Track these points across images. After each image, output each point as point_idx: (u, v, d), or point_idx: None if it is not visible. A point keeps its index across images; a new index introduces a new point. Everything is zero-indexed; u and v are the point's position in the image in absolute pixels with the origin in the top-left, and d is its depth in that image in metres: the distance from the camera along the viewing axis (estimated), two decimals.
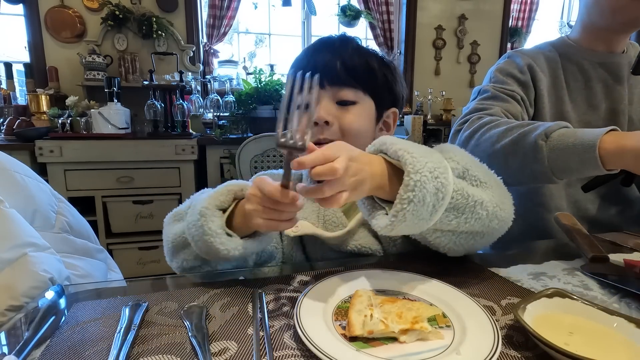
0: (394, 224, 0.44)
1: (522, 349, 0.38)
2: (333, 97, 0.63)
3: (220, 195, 0.54)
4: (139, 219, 2.12)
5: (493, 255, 0.65)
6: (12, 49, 2.57)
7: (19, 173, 0.71)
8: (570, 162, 0.64)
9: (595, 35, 0.89)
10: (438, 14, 3.04)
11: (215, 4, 2.64)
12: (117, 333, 0.39)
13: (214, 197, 0.54)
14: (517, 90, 0.87)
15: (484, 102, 0.86)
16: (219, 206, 0.53)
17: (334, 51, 0.64)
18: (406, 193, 0.43)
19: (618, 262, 0.58)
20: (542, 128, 0.67)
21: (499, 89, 0.87)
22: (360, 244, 0.64)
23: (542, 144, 0.66)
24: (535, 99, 0.89)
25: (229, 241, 0.51)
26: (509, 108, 0.84)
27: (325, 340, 0.36)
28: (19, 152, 1.89)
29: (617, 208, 0.92)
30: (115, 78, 2.18)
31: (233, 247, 0.51)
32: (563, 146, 0.64)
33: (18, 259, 0.55)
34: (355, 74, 0.63)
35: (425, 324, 0.38)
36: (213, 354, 0.37)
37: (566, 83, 0.91)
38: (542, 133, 0.66)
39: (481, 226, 0.51)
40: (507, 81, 0.89)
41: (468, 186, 0.50)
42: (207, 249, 0.52)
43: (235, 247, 0.51)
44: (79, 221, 0.82)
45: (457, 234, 0.52)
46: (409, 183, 0.44)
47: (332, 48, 0.65)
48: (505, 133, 0.72)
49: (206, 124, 2.46)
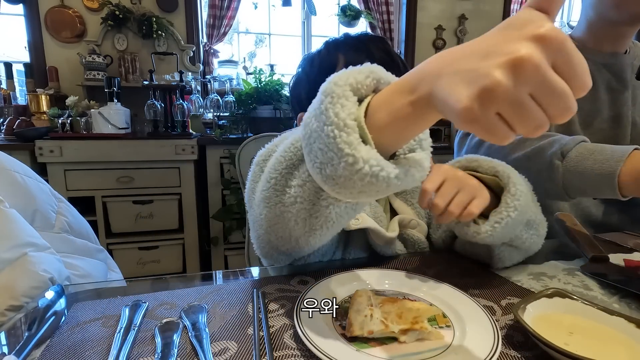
0: (496, 229, 0.47)
1: (522, 349, 0.38)
2: None
3: (358, 74, 0.34)
4: (139, 219, 2.12)
5: None
6: (12, 49, 2.57)
7: (19, 173, 0.71)
8: (586, 185, 0.62)
9: (600, 32, 0.89)
10: (438, 14, 3.04)
11: (215, 4, 2.64)
12: (117, 333, 0.39)
13: (349, 74, 0.34)
14: None
15: None
16: (353, 88, 0.33)
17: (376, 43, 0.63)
18: (513, 202, 0.47)
19: (618, 262, 0.58)
20: (558, 145, 0.65)
21: None
22: (396, 248, 0.63)
23: (558, 164, 0.64)
24: None
25: (361, 146, 0.31)
26: None
27: (325, 340, 0.36)
28: (19, 152, 1.89)
29: (620, 210, 0.91)
30: (115, 78, 2.18)
31: (364, 157, 0.31)
32: (580, 169, 0.62)
33: (18, 259, 0.55)
34: (398, 67, 0.63)
35: (425, 324, 0.38)
36: (213, 354, 0.36)
37: None
38: (559, 151, 0.64)
39: (536, 242, 0.55)
40: None
41: (535, 206, 0.55)
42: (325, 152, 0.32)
43: (367, 157, 0.31)
44: (79, 221, 0.82)
45: (516, 248, 0.55)
46: (515, 192, 0.47)
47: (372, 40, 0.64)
48: (519, 145, 0.70)
49: (206, 124, 2.46)
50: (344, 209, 0.40)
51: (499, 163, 0.53)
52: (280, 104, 2.37)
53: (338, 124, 0.31)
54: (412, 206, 0.68)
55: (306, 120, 0.35)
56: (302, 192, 0.39)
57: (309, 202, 0.39)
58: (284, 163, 0.41)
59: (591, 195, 0.63)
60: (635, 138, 0.89)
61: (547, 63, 0.24)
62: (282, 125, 2.32)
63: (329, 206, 0.39)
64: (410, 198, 0.69)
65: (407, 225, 0.65)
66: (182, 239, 2.18)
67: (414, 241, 0.65)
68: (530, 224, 0.53)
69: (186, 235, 2.18)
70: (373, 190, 0.33)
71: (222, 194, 2.21)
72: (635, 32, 0.90)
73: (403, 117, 0.31)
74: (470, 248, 0.60)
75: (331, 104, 0.32)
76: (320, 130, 0.32)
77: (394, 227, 0.62)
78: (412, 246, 0.66)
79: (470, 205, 0.46)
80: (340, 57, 0.61)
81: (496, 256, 0.56)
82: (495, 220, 0.48)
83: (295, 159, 0.40)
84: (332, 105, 0.32)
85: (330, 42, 0.65)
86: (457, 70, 0.27)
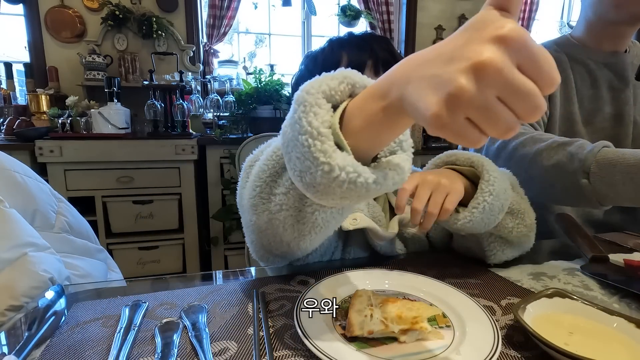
0: (474, 214, 0.49)
1: (522, 349, 0.38)
2: None
3: (332, 81, 0.34)
4: (139, 219, 2.12)
5: None
6: (12, 49, 2.57)
7: (19, 173, 0.71)
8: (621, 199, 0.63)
9: (599, 32, 0.89)
10: (438, 14, 3.03)
11: (215, 4, 2.64)
12: (117, 333, 0.39)
13: (322, 81, 0.34)
14: None
15: None
16: (326, 95, 0.33)
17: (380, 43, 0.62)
18: (487, 187, 0.49)
19: (618, 262, 0.58)
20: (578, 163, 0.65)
21: None
22: (399, 248, 0.64)
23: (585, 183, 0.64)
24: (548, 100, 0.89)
25: (337, 153, 0.31)
26: None
27: (325, 340, 0.36)
28: (19, 152, 1.89)
29: (622, 211, 0.91)
30: (115, 78, 2.18)
31: (340, 164, 0.31)
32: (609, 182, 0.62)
33: (18, 259, 0.55)
34: None
35: (425, 324, 0.38)
36: (213, 354, 0.36)
37: (575, 83, 0.90)
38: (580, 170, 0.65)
39: (525, 234, 0.57)
40: None
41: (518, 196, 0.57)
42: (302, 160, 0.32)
43: (343, 164, 0.31)
44: (79, 221, 0.82)
45: (506, 241, 0.56)
46: (489, 179, 0.50)
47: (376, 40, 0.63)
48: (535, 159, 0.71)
49: (206, 124, 2.46)
50: (330, 214, 0.40)
51: (474, 154, 0.55)
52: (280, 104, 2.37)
53: (312, 133, 0.31)
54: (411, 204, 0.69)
55: (283, 129, 0.35)
56: (287, 199, 0.39)
57: (295, 209, 0.39)
58: (267, 171, 0.41)
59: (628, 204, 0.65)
60: (636, 137, 0.89)
61: (510, 64, 0.24)
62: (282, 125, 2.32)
63: (315, 212, 0.39)
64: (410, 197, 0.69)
65: (407, 225, 0.65)
66: (182, 239, 2.18)
67: (415, 240, 0.65)
68: (514, 213, 0.55)
69: (186, 235, 2.18)
70: (354, 195, 0.33)
71: (222, 194, 2.21)
72: (634, 32, 0.91)
73: (377, 123, 0.31)
74: (463, 242, 0.61)
75: (304, 113, 0.32)
76: (295, 139, 0.32)
77: (394, 226, 0.62)
78: (413, 245, 0.66)
79: (445, 202, 0.48)
80: (344, 56, 0.61)
81: (487, 249, 0.57)
82: (472, 205, 0.50)
83: (278, 166, 0.40)
84: (305, 114, 0.32)
85: (334, 40, 0.65)
86: (423, 76, 0.27)
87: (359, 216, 0.58)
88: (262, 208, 0.42)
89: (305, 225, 0.40)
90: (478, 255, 0.60)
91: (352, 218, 0.58)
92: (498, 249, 0.57)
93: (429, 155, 1.90)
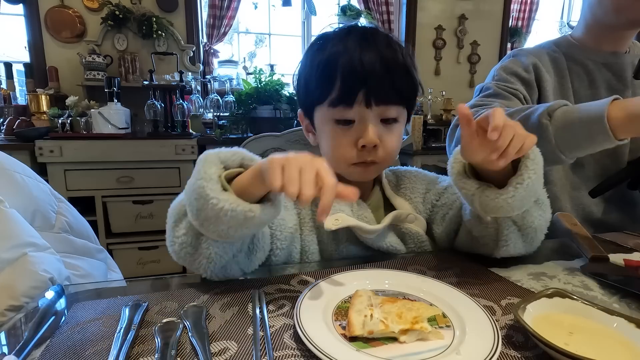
0: (518, 190, 0.48)
1: (522, 349, 0.38)
2: (379, 115, 0.59)
3: (227, 152, 0.48)
4: (139, 219, 2.12)
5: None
6: (12, 49, 2.57)
7: (19, 173, 0.71)
8: (579, 137, 0.63)
9: (599, 34, 0.89)
10: (438, 14, 3.04)
11: (215, 4, 2.64)
12: (117, 333, 0.39)
13: (220, 151, 0.48)
14: (519, 88, 0.87)
15: (484, 99, 0.85)
16: (222, 159, 0.47)
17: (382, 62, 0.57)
18: (533, 165, 0.49)
19: (618, 262, 0.58)
20: (543, 107, 0.66)
21: (502, 86, 0.87)
22: (390, 242, 0.64)
23: (547, 122, 0.64)
24: (540, 99, 0.89)
25: (222, 192, 0.44)
26: (510, 105, 0.84)
27: (325, 340, 0.36)
28: (19, 152, 1.89)
29: (621, 211, 0.91)
30: (115, 78, 2.18)
31: (224, 198, 0.43)
32: (569, 121, 0.63)
33: (18, 259, 0.55)
34: (402, 93, 0.60)
35: (425, 324, 0.38)
36: (213, 354, 0.36)
37: (571, 83, 0.90)
38: (545, 112, 0.65)
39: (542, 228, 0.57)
40: (511, 79, 0.88)
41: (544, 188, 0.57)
42: (198, 199, 0.44)
43: (226, 198, 0.43)
44: (79, 221, 0.82)
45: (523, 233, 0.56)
46: (535, 157, 0.50)
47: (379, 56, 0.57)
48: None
49: (206, 124, 2.46)
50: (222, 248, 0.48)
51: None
52: (280, 104, 2.37)
53: (206, 178, 0.44)
54: (410, 201, 0.69)
55: (188, 182, 0.47)
56: (186, 239, 0.48)
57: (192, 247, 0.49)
58: (173, 217, 0.50)
59: (586, 148, 0.63)
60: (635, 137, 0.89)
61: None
62: (282, 125, 2.31)
63: (209, 247, 0.48)
64: (410, 193, 0.70)
65: (405, 220, 0.65)
66: None
67: (412, 235, 0.65)
68: (539, 203, 0.56)
69: None
70: (236, 223, 0.44)
71: None
72: (634, 34, 0.91)
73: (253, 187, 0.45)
74: (478, 231, 0.59)
75: (203, 166, 0.45)
76: (194, 184, 0.44)
77: (385, 221, 0.63)
78: (412, 240, 0.66)
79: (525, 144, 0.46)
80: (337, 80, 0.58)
81: (502, 240, 0.56)
82: (517, 181, 0.49)
83: (181, 214, 0.49)
84: (203, 166, 0.45)
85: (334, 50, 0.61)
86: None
87: (340, 216, 0.60)
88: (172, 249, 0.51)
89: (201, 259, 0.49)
90: (485, 249, 0.59)
91: (334, 219, 0.59)
92: (512, 240, 0.56)
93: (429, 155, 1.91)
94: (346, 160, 0.61)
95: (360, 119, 0.59)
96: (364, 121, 0.59)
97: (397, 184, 0.72)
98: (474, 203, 0.53)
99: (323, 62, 0.59)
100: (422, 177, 0.73)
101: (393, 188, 0.71)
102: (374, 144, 0.59)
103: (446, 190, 0.69)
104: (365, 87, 0.57)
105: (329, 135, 0.62)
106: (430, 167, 2.61)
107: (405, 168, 0.76)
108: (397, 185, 0.72)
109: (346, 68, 0.57)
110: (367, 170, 0.63)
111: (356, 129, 0.59)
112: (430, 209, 0.69)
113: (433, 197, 0.70)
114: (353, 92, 0.57)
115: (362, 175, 0.63)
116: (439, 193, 0.70)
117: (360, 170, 0.62)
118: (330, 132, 0.61)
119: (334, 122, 0.60)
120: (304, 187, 0.39)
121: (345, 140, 0.60)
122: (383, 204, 0.70)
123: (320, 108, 0.62)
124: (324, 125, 0.62)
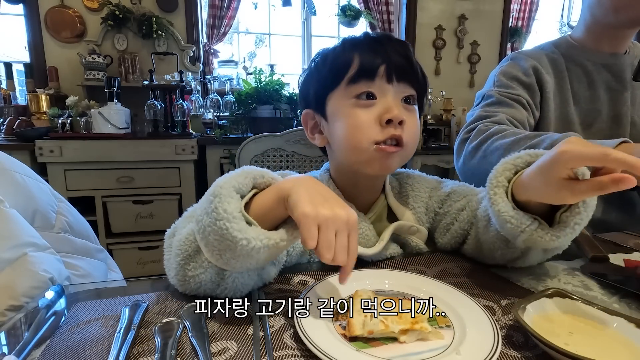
0: (575, 230, 0.46)
1: (522, 349, 0.38)
2: (400, 93, 0.58)
3: (238, 177, 0.44)
4: (139, 219, 2.12)
5: None
6: (12, 49, 2.57)
7: (19, 173, 0.71)
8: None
9: (599, 34, 0.89)
10: (438, 14, 3.04)
11: (215, 4, 2.64)
12: (117, 333, 0.39)
13: (231, 178, 0.43)
14: (522, 94, 0.86)
15: (488, 109, 0.85)
16: (236, 188, 0.43)
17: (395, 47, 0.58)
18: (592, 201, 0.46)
19: (618, 262, 0.58)
20: (549, 141, 0.65)
21: (504, 93, 0.86)
22: (390, 253, 0.62)
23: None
24: (541, 102, 0.88)
25: (249, 229, 0.40)
26: (515, 114, 0.83)
27: (325, 340, 0.36)
28: (19, 152, 1.89)
29: (621, 211, 0.91)
30: (115, 78, 2.18)
31: (254, 236, 0.39)
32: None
33: (18, 259, 0.55)
34: (418, 78, 0.59)
35: (425, 324, 0.38)
36: (213, 354, 0.36)
37: (570, 85, 0.90)
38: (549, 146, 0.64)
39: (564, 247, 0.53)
40: (512, 85, 0.88)
41: None
42: (221, 241, 0.40)
43: (257, 236, 0.39)
44: (79, 221, 0.82)
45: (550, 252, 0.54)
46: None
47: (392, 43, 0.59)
48: (512, 146, 0.70)
49: (206, 124, 2.46)
50: (248, 276, 0.46)
51: None
52: (280, 104, 2.37)
53: (228, 218, 0.39)
54: (413, 210, 0.66)
55: (198, 217, 0.42)
56: (206, 276, 0.45)
57: (213, 283, 0.45)
58: (181, 255, 0.45)
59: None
60: (635, 138, 0.90)
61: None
62: (282, 125, 2.31)
63: (234, 280, 0.45)
64: (413, 202, 0.67)
65: (407, 232, 0.64)
66: None
67: (412, 247, 0.65)
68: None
69: None
70: (271, 254, 0.43)
71: None
72: (634, 34, 0.91)
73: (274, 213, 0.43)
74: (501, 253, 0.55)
75: (220, 203, 0.40)
76: (213, 224, 0.40)
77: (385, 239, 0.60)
78: (412, 250, 0.65)
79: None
80: (355, 58, 0.57)
81: (526, 259, 0.54)
82: (574, 221, 0.46)
83: (191, 250, 0.45)
84: (221, 204, 0.40)
85: (348, 40, 0.61)
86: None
87: None
88: (185, 287, 0.47)
89: (227, 292, 0.46)
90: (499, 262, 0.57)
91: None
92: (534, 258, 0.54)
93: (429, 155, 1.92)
94: (369, 138, 0.56)
95: (382, 94, 0.56)
96: (386, 96, 0.56)
97: (400, 192, 0.69)
98: (519, 237, 0.48)
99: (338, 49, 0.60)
100: (425, 182, 0.70)
101: (396, 196, 0.68)
102: (400, 119, 0.55)
103: (449, 197, 0.66)
104: (387, 61, 0.56)
105: (348, 116, 0.57)
106: (430, 167, 2.61)
107: (407, 171, 0.73)
108: (399, 192, 0.69)
109: (365, 47, 0.58)
110: (390, 157, 0.57)
111: (379, 104, 0.56)
112: (432, 217, 0.67)
113: (435, 205, 0.67)
114: (374, 65, 0.56)
115: (383, 164, 0.58)
116: (441, 200, 0.67)
117: (383, 156, 0.56)
118: (349, 112, 0.57)
119: (355, 99, 0.57)
120: (339, 254, 0.40)
121: (367, 117, 0.56)
122: (386, 213, 0.68)
123: (336, 92, 0.59)
124: (341, 108, 0.58)
